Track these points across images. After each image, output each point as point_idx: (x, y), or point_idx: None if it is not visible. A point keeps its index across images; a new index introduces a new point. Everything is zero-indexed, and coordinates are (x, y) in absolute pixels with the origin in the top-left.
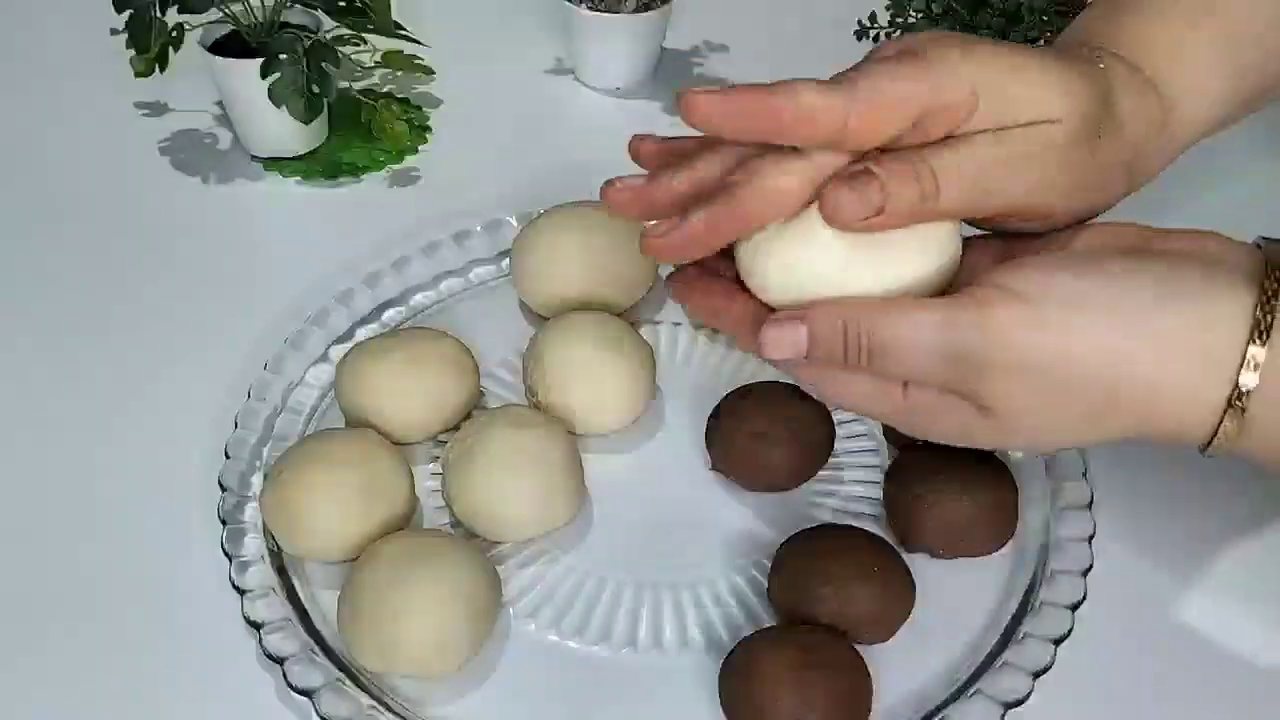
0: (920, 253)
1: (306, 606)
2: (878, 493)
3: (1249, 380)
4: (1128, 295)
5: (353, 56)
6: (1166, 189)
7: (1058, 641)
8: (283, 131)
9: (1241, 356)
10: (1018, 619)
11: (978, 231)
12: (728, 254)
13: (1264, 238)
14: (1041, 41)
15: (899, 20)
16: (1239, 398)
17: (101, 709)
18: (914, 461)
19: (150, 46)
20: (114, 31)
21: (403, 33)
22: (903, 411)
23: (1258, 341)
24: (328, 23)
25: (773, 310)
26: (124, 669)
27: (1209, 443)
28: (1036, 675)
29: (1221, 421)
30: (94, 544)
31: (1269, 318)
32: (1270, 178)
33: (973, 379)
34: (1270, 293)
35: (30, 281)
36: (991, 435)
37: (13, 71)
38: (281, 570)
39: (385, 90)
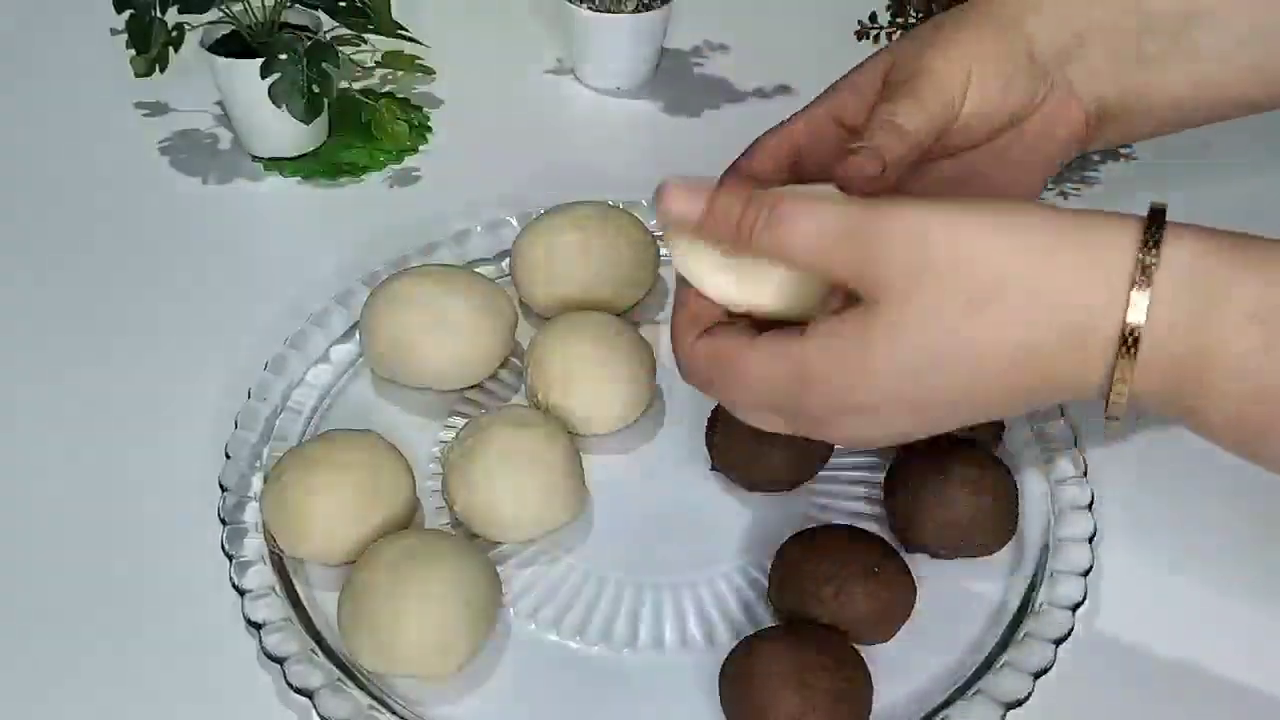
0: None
1: (307, 607)
2: (878, 493)
3: (1136, 317)
4: (1014, 211)
5: (353, 56)
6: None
7: (1058, 642)
8: (283, 131)
9: (1127, 297)
10: (1018, 619)
11: None
12: None
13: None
14: None
15: (899, 20)
16: (1129, 339)
17: (101, 708)
18: (914, 462)
19: (150, 46)
20: (114, 31)
21: (403, 33)
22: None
23: (1141, 286)
24: (328, 23)
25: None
26: (124, 668)
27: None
28: (1037, 675)
29: (1116, 362)
30: (94, 544)
31: (1152, 260)
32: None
33: (861, 258)
34: (1153, 239)
35: (29, 282)
36: (875, 344)
37: (13, 71)
38: (281, 570)
39: (385, 90)
